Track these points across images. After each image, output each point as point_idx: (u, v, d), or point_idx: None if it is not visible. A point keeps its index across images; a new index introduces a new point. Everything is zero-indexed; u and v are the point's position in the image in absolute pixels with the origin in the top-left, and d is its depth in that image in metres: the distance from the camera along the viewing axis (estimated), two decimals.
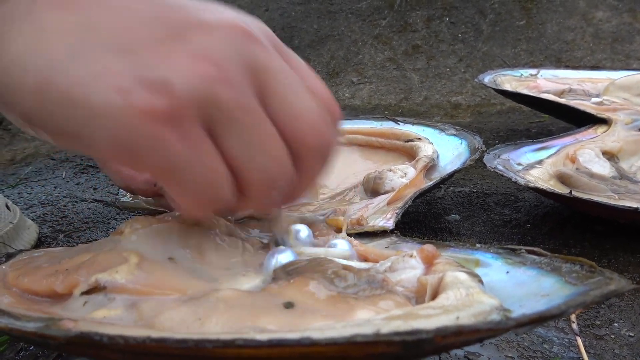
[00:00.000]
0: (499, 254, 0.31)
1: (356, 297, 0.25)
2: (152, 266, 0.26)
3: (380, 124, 0.57)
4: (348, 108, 0.98)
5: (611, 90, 0.67)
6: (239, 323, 0.21)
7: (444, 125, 0.55)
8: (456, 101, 0.94)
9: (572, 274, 0.26)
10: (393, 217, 0.39)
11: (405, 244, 0.35)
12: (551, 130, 0.76)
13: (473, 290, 0.25)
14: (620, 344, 0.35)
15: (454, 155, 0.50)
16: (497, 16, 1.05)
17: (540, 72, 0.76)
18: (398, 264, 0.30)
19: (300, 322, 0.22)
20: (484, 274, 0.29)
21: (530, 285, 0.27)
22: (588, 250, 0.45)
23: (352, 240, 0.35)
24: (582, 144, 0.54)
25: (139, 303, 0.24)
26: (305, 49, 1.11)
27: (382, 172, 0.46)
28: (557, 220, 0.50)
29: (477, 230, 0.50)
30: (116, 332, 0.20)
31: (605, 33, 0.97)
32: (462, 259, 0.32)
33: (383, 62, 1.06)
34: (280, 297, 0.24)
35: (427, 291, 0.27)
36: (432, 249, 0.30)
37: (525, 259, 0.30)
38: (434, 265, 0.29)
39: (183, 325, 0.22)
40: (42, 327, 0.21)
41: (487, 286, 0.28)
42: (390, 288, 0.27)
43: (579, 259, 0.27)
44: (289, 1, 1.19)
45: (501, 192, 0.57)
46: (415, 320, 0.21)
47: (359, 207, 0.42)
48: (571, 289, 0.25)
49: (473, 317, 0.22)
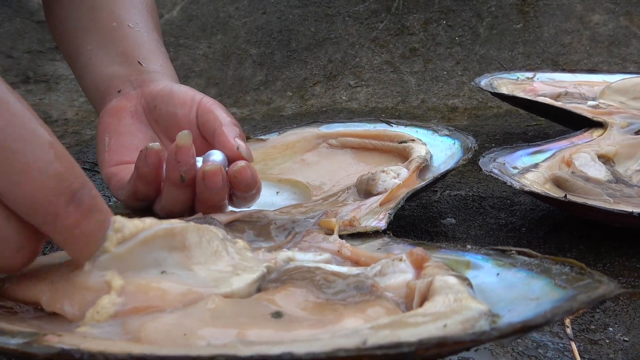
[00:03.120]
0: (490, 256, 0.31)
1: (344, 303, 0.25)
2: (140, 286, 0.25)
3: (373, 126, 0.57)
4: (345, 111, 0.98)
5: (607, 93, 0.67)
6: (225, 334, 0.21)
7: (437, 126, 0.55)
8: (453, 104, 0.94)
9: (562, 276, 0.26)
10: (385, 218, 0.39)
11: (397, 245, 0.35)
12: (548, 134, 0.76)
13: (461, 296, 0.24)
14: (615, 348, 0.35)
15: (447, 155, 0.50)
16: (494, 19, 1.05)
17: (537, 75, 0.76)
18: (388, 268, 0.29)
19: (287, 332, 0.21)
20: (474, 276, 0.29)
21: (520, 288, 0.27)
22: (584, 254, 0.45)
23: (342, 244, 0.35)
24: (578, 148, 0.54)
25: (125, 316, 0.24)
26: (303, 52, 1.11)
27: (374, 174, 0.46)
28: (553, 224, 0.50)
29: (472, 234, 0.50)
30: (99, 348, 0.19)
31: (601, 36, 0.97)
32: (453, 260, 0.32)
33: (380, 65, 1.06)
34: (268, 305, 0.24)
35: (415, 296, 0.27)
36: (421, 252, 0.30)
37: (516, 260, 0.30)
38: (424, 269, 0.29)
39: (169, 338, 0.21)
40: (23, 345, 0.21)
41: (478, 289, 0.27)
42: (379, 294, 0.26)
43: (568, 260, 0.27)
44: (286, 4, 1.19)
45: (497, 195, 0.57)
46: (402, 330, 0.21)
47: (352, 209, 0.42)
48: (560, 292, 0.24)
49: (460, 324, 0.22)
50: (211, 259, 0.27)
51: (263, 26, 1.17)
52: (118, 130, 0.48)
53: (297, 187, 0.53)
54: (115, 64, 0.52)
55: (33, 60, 1.11)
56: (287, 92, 1.07)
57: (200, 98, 0.47)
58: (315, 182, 0.53)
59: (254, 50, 1.15)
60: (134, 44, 0.54)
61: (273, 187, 0.53)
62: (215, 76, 1.14)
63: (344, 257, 0.35)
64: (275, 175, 0.55)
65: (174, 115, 0.47)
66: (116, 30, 0.54)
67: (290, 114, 1.01)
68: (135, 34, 0.54)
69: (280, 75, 1.10)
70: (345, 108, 0.99)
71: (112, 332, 0.23)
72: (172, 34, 1.22)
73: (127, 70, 0.52)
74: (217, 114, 0.45)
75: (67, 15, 0.56)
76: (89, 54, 0.54)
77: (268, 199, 0.51)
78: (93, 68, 0.53)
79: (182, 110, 0.47)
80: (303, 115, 0.99)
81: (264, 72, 1.11)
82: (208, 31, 1.21)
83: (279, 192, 0.53)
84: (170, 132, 0.48)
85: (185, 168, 0.40)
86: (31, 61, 1.11)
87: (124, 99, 0.50)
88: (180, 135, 0.39)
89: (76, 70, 0.56)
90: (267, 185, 0.53)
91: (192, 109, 0.46)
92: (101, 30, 0.54)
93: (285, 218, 0.40)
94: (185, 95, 0.48)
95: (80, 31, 0.55)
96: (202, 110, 0.46)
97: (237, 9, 1.22)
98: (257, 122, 0.98)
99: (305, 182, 0.53)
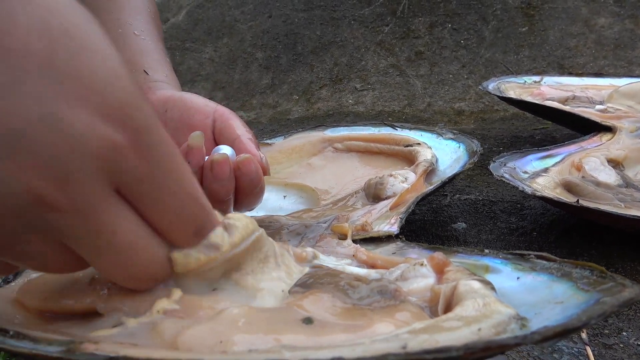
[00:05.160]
0: (508, 260, 0.31)
1: (372, 308, 0.25)
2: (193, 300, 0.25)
3: (378, 129, 0.58)
4: (352, 115, 0.99)
5: (615, 97, 0.67)
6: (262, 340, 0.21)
7: (441, 130, 0.55)
8: (459, 107, 0.95)
9: (584, 280, 0.26)
10: (397, 222, 0.39)
11: (412, 250, 0.35)
12: (555, 137, 0.76)
13: (489, 300, 0.25)
14: (630, 353, 0.36)
15: (453, 159, 0.51)
16: (499, 22, 1.05)
17: (544, 79, 0.76)
18: (409, 272, 0.29)
19: (321, 337, 0.22)
20: (494, 280, 0.29)
21: (542, 291, 0.27)
22: (595, 258, 0.46)
23: (358, 248, 0.35)
24: (588, 152, 0.55)
25: (155, 322, 0.24)
26: (309, 56, 1.12)
27: (383, 178, 0.47)
28: (564, 228, 0.51)
29: (483, 239, 0.50)
30: (144, 355, 0.20)
31: (607, 39, 0.98)
32: (472, 264, 0.32)
33: (386, 69, 1.06)
34: (298, 311, 0.24)
35: (439, 301, 0.27)
36: (442, 257, 0.30)
37: (535, 264, 0.30)
38: (446, 273, 0.29)
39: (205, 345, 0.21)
40: (64, 352, 0.21)
41: (499, 293, 0.28)
42: (404, 298, 0.27)
43: (588, 264, 0.27)
44: (292, 8, 1.19)
45: (507, 199, 0.57)
46: (440, 334, 0.21)
47: (363, 213, 0.42)
48: (584, 295, 0.25)
49: (493, 328, 0.22)
50: (259, 267, 0.27)
51: (269, 30, 1.18)
52: None
53: (305, 191, 0.54)
54: None
55: None
56: (294, 95, 1.07)
57: (215, 106, 0.48)
58: (322, 186, 0.53)
59: (260, 54, 1.16)
60: (139, 53, 0.54)
61: (280, 191, 0.54)
62: (222, 80, 1.15)
63: (360, 261, 0.35)
64: (282, 179, 0.55)
65: (188, 119, 0.48)
66: (122, 37, 0.54)
67: (296, 117, 1.02)
68: (141, 42, 0.55)
69: (286, 78, 1.10)
70: (351, 111, 1.00)
71: (139, 335, 0.23)
72: (178, 37, 1.22)
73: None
74: (235, 124, 0.45)
75: None
76: None
77: (275, 203, 0.52)
78: None
79: (198, 115, 0.47)
80: (310, 119, 1.00)
81: (270, 76, 1.12)
82: (214, 35, 1.22)
83: (286, 196, 0.53)
84: (181, 137, 0.49)
85: (195, 169, 0.40)
86: None
87: None
88: (192, 136, 0.40)
89: None
90: (274, 190, 0.53)
91: (208, 116, 0.47)
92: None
93: (297, 223, 0.40)
94: (198, 101, 0.48)
95: None
96: (221, 119, 0.46)
97: (243, 13, 1.22)
98: (264, 125, 0.99)
99: (313, 186, 0.53)
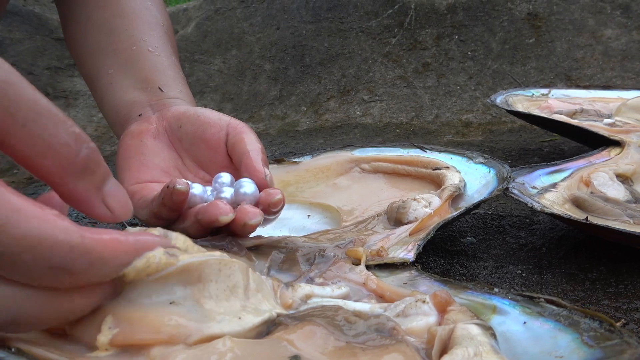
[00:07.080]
0: (517, 302, 0.31)
1: (364, 347, 0.25)
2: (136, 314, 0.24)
3: (407, 151, 0.57)
4: (360, 127, 0.99)
5: (623, 110, 0.67)
6: None
7: (471, 153, 0.54)
8: (467, 119, 0.95)
9: (590, 332, 0.26)
10: (414, 249, 0.39)
11: (424, 282, 0.35)
12: (563, 149, 0.77)
13: (482, 349, 0.24)
14: None
15: (482, 184, 0.50)
16: (506, 34, 1.05)
17: (552, 92, 0.77)
18: (411, 309, 0.29)
19: None
20: (500, 322, 0.29)
21: (547, 341, 0.27)
22: (604, 275, 0.46)
23: (369, 276, 0.35)
24: (596, 167, 0.55)
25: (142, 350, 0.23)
26: (316, 67, 1.13)
27: (406, 202, 0.46)
28: (573, 244, 0.51)
29: (493, 254, 0.51)
30: None
31: (614, 51, 0.98)
32: (480, 303, 0.31)
33: (393, 80, 1.07)
34: (287, 347, 0.24)
35: (435, 344, 0.26)
36: (445, 295, 0.29)
37: (544, 309, 0.29)
38: (448, 313, 0.29)
39: None
40: None
41: (503, 337, 0.27)
42: (400, 338, 0.26)
43: (598, 314, 0.27)
44: (300, 20, 1.20)
45: (516, 214, 0.58)
46: None
47: (380, 238, 0.42)
48: (587, 351, 0.24)
49: None
50: (224, 294, 0.27)
51: (277, 42, 1.19)
52: (140, 150, 0.49)
53: (329, 211, 0.53)
54: (136, 90, 0.53)
55: (52, 76, 1.13)
56: (302, 107, 1.08)
57: (229, 119, 0.48)
58: (347, 207, 0.53)
59: (268, 66, 1.17)
60: (154, 70, 0.54)
61: (305, 210, 0.53)
62: (231, 91, 1.16)
63: (370, 289, 0.35)
64: (307, 198, 0.55)
65: (202, 134, 0.48)
66: (136, 55, 0.54)
67: (305, 129, 1.02)
68: (155, 59, 0.55)
69: (294, 90, 1.11)
70: (359, 123, 1.00)
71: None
72: (187, 49, 1.24)
73: (148, 96, 0.53)
74: (247, 139, 0.46)
75: (86, 36, 0.57)
76: (109, 78, 0.54)
77: (299, 222, 0.51)
78: (114, 93, 0.54)
79: (212, 129, 0.47)
80: (318, 130, 1.00)
81: (279, 87, 1.13)
82: (223, 47, 1.23)
83: (310, 215, 0.52)
84: (196, 151, 0.49)
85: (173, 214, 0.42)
86: (51, 77, 1.13)
87: (145, 122, 0.51)
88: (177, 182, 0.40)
89: (96, 93, 0.57)
90: (298, 209, 0.53)
91: (221, 129, 0.47)
92: (121, 54, 0.55)
93: (312, 245, 0.40)
94: (212, 115, 0.49)
95: (99, 53, 0.56)
96: (233, 132, 0.47)
97: (251, 25, 1.24)
98: (273, 137, 1.00)
99: (337, 207, 0.53)
